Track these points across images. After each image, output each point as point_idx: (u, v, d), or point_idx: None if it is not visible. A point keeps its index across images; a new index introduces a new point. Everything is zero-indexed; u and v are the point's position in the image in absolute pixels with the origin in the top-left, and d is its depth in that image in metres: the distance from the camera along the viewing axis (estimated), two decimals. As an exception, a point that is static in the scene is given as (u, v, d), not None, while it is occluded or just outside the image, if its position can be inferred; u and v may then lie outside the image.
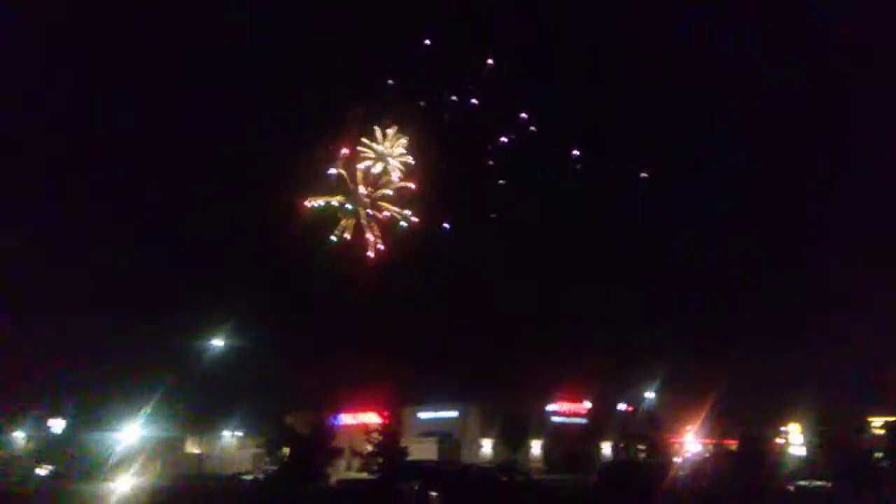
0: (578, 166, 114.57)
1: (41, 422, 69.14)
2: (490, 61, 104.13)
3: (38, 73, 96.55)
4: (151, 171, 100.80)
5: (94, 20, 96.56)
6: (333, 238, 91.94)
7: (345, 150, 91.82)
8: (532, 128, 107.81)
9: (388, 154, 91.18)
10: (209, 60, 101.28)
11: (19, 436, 68.37)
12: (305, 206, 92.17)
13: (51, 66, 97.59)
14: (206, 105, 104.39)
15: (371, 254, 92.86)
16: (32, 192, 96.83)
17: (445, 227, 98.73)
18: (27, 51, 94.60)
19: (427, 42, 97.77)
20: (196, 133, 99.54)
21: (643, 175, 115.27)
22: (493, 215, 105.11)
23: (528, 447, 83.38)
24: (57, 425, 69.12)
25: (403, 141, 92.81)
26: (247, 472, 69.81)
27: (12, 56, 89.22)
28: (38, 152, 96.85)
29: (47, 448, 67.06)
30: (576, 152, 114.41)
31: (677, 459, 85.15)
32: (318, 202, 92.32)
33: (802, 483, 47.78)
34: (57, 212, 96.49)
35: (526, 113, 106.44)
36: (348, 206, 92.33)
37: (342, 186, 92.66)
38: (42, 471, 63.69)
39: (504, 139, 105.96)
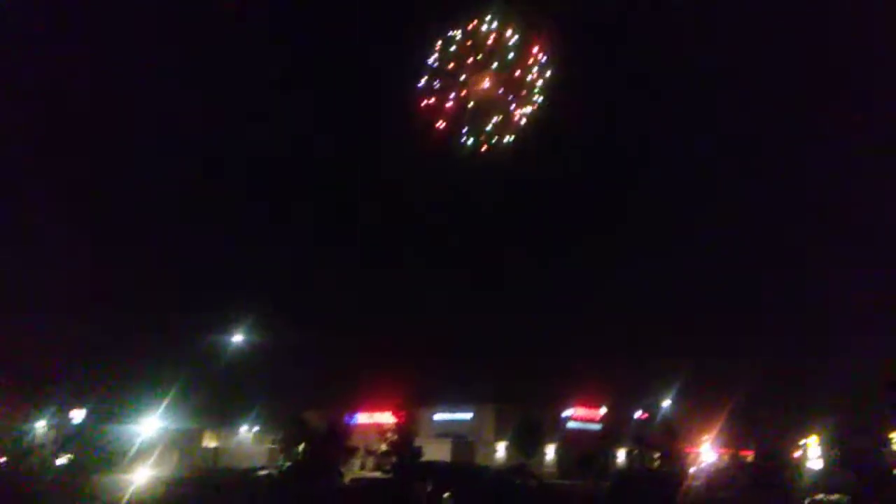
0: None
1: (62, 411, 70.00)
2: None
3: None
4: (175, 168, 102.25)
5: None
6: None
7: None
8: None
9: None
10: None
11: (40, 424, 69.26)
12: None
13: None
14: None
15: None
16: (56, 188, 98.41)
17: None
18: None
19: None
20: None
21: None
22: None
23: (543, 452, 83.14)
24: (78, 416, 69.90)
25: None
26: (262, 468, 70.27)
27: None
28: (61, 148, 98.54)
29: (67, 438, 67.91)
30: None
31: (692, 469, 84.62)
32: None
33: (819, 497, 47.22)
34: (81, 208, 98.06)
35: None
36: None
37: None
38: (61, 460, 64.55)
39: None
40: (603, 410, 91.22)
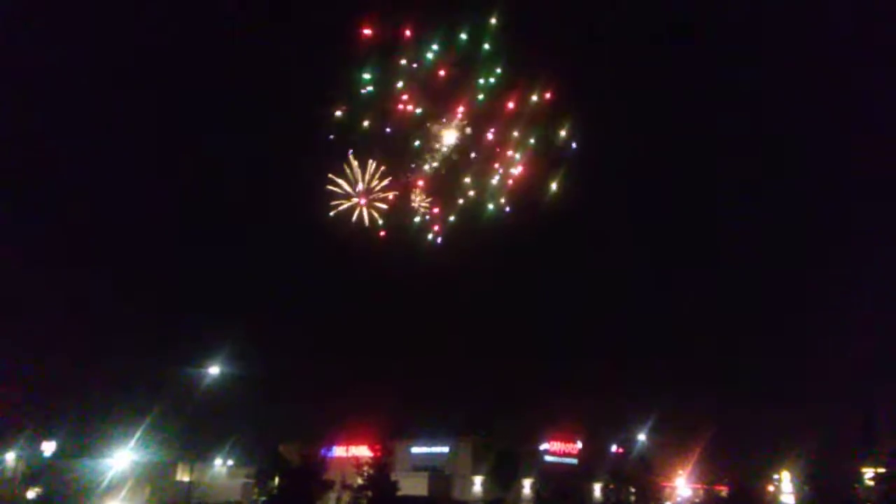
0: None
1: (33, 443, 68.92)
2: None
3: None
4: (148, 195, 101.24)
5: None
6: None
7: None
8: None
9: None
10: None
11: (10, 456, 68.14)
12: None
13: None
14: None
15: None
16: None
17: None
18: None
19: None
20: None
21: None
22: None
23: (520, 486, 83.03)
24: (49, 447, 68.76)
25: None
26: (237, 502, 69.51)
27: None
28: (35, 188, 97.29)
29: (37, 470, 66.81)
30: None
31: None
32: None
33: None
34: (51, 237, 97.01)
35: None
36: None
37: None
38: (31, 494, 63.50)
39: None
40: (579, 445, 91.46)
